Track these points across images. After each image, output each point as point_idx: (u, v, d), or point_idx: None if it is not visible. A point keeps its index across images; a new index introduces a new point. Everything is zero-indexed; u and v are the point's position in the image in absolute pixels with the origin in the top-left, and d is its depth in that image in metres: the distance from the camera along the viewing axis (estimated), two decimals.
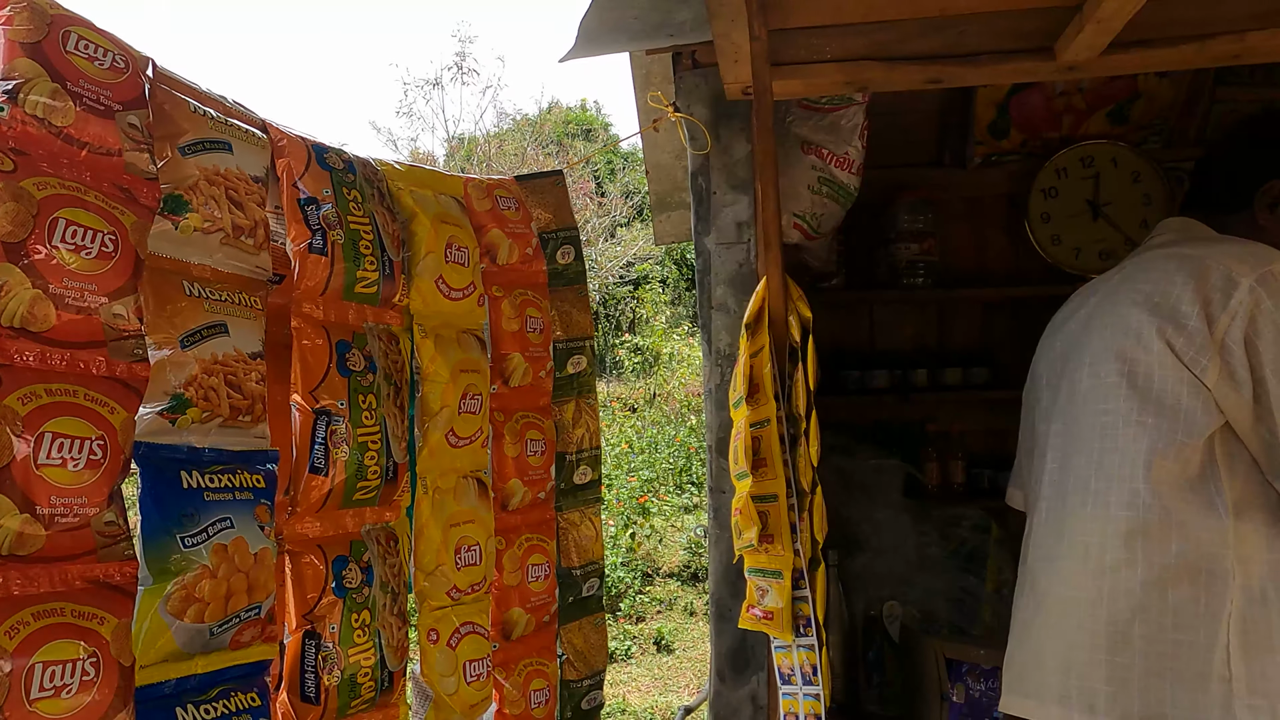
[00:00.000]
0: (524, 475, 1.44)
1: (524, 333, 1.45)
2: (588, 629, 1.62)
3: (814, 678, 1.77)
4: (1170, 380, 1.41)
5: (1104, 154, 2.94)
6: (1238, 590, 1.33)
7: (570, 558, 1.59)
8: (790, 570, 1.81)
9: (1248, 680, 1.29)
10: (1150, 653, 1.35)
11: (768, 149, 1.63)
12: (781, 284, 1.87)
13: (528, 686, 1.42)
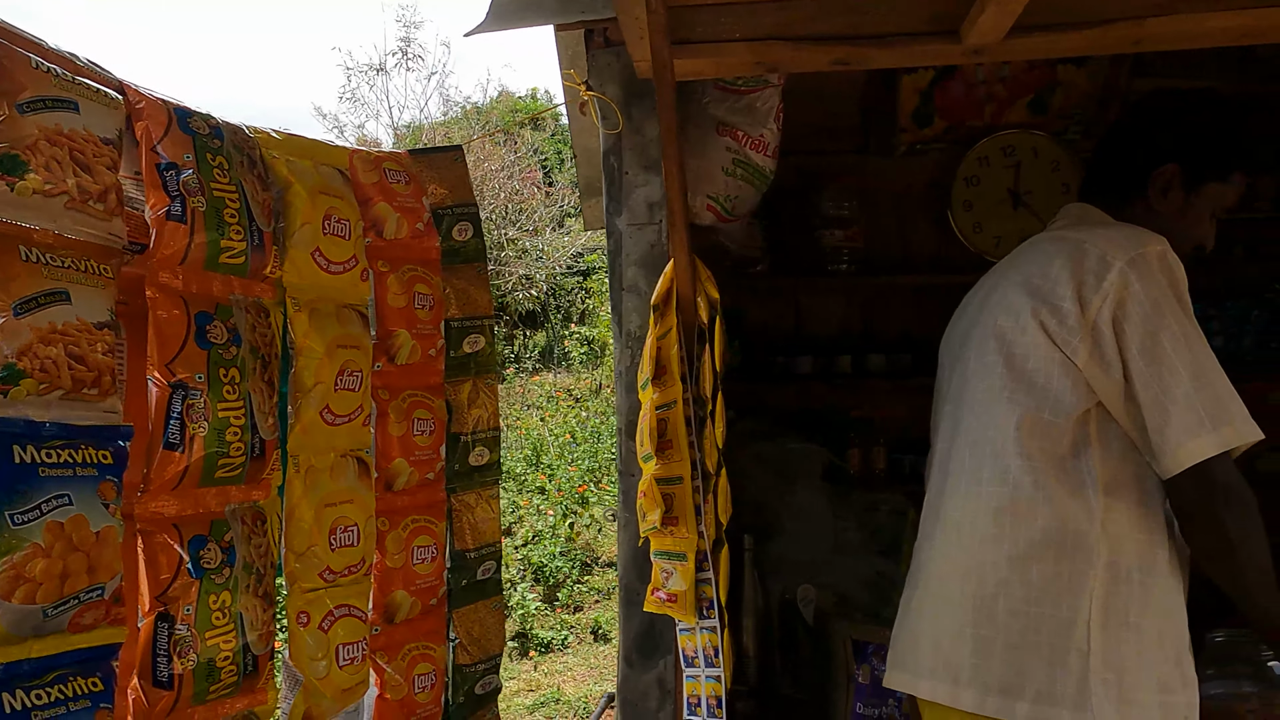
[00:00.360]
0: (410, 455, 1.41)
1: (411, 309, 1.41)
2: (483, 613, 1.59)
3: (716, 660, 1.77)
4: (1043, 360, 1.43)
5: (1025, 143, 2.98)
6: (1102, 567, 1.35)
7: (464, 540, 1.56)
8: (694, 552, 1.80)
9: (1104, 654, 1.32)
10: (1013, 626, 1.37)
11: (670, 126, 1.61)
12: (689, 265, 1.86)
13: (412, 670, 1.39)
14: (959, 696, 1.40)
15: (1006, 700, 1.36)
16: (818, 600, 2.40)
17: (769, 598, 2.40)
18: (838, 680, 2.10)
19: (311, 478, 1.22)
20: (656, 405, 1.87)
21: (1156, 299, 1.37)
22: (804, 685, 2.33)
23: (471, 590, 1.57)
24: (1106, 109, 2.93)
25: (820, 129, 3.13)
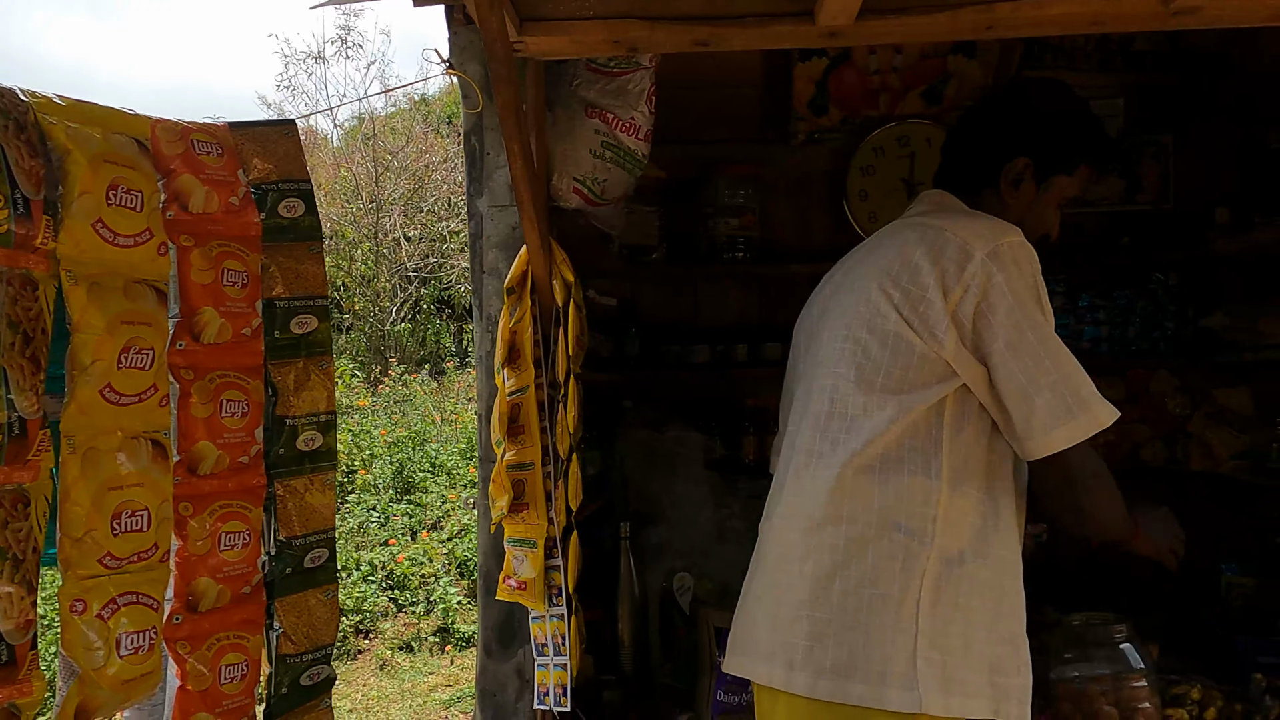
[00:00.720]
0: (217, 438, 1.36)
1: (219, 286, 1.36)
2: (313, 602, 1.55)
3: (563, 648, 1.74)
4: (897, 347, 1.42)
5: (919, 133, 2.99)
6: (935, 550, 1.35)
7: (290, 527, 1.51)
8: (544, 539, 1.77)
9: (931, 635, 1.32)
10: (848, 607, 1.36)
11: (509, 104, 1.57)
12: (544, 247, 1.83)
13: (218, 661, 1.34)
14: (792, 680, 1.39)
15: (838, 682, 1.36)
16: (695, 589, 2.38)
17: (647, 586, 2.38)
18: (705, 668, 2.09)
19: (91, 459, 1.17)
20: (509, 390, 1.84)
21: (1019, 291, 1.39)
22: (681, 674, 2.31)
23: (298, 579, 1.52)
24: None
25: (719, 117, 3.11)
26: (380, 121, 12.72)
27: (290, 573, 1.51)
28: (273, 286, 1.51)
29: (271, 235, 1.50)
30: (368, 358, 10.66)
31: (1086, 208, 3.01)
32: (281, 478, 1.51)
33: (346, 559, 5.90)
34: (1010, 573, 1.43)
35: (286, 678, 1.50)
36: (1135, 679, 1.91)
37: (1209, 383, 2.86)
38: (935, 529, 1.37)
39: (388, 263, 11.01)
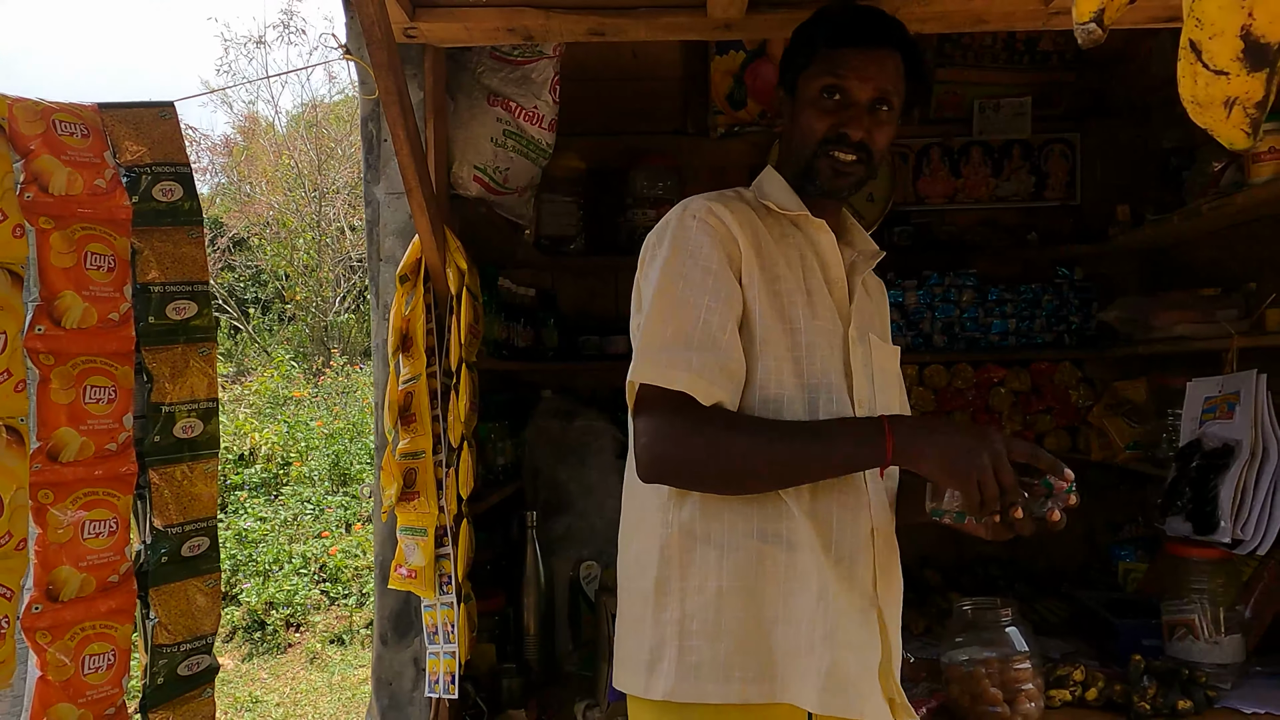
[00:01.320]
0: (80, 424, 1.33)
1: (82, 270, 1.34)
2: (192, 591, 1.53)
3: (452, 635, 1.74)
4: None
5: None
6: (674, 538, 1.32)
7: (167, 515, 1.49)
8: (434, 527, 1.77)
9: (675, 621, 1.31)
10: (623, 601, 1.42)
11: (391, 89, 1.57)
12: (437, 235, 1.82)
13: (81, 651, 1.32)
14: (614, 676, 1.42)
15: (619, 672, 1.39)
16: (603, 577, 2.40)
17: (555, 575, 2.39)
18: (604, 654, 2.10)
19: None
20: (403, 379, 1.83)
21: (654, 259, 1.39)
22: (587, 662, 2.33)
23: (175, 567, 1.50)
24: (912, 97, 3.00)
25: (639, 110, 3.13)
26: (325, 108, 12.55)
27: (167, 561, 1.49)
28: (147, 271, 1.48)
29: (146, 219, 1.48)
30: (310, 348, 10.52)
31: (998, 204, 3.08)
32: (158, 465, 1.49)
33: (279, 552, 5.83)
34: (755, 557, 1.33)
35: (163, 668, 1.48)
36: (1020, 661, 1.96)
37: (1109, 374, 2.94)
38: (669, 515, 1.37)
39: (331, 252, 10.87)
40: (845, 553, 1.33)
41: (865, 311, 1.49)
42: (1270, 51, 0.59)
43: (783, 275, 1.38)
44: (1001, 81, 2.96)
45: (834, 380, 1.37)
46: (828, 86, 1.40)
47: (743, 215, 1.40)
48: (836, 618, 1.29)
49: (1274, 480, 1.97)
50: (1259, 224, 2.33)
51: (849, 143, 1.39)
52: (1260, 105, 0.62)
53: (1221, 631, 2.03)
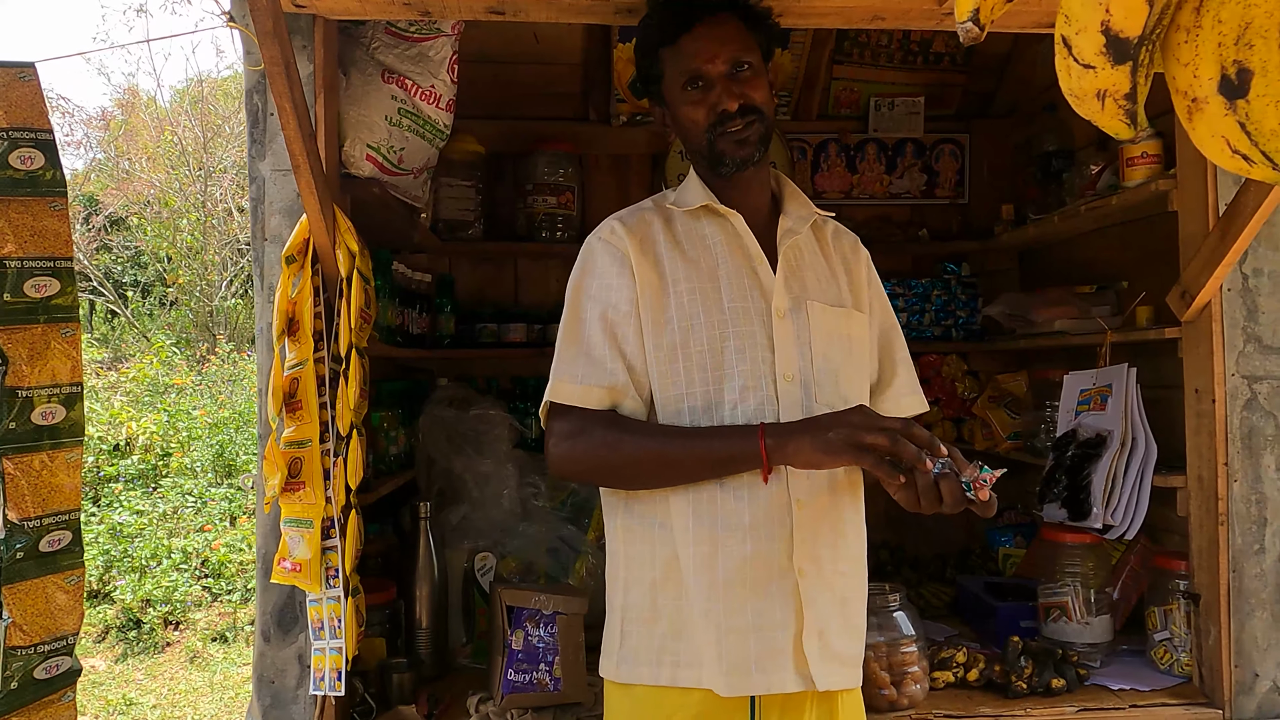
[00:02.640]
0: None
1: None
2: (51, 588, 1.43)
3: (339, 630, 1.68)
4: None
5: None
6: (619, 529, 1.49)
7: (23, 507, 1.39)
8: (320, 519, 1.70)
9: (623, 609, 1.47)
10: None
11: (276, 59, 1.49)
12: (326, 215, 1.75)
13: None
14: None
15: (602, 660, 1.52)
16: (498, 567, 2.36)
17: (449, 566, 2.33)
18: (498, 646, 2.07)
19: None
20: (288, 364, 1.75)
21: (571, 279, 1.52)
22: (480, 654, 2.29)
23: (32, 563, 1.40)
24: (811, 91, 3.06)
25: (541, 95, 3.08)
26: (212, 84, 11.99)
27: (22, 557, 1.39)
28: (2, 244, 1.38)
29: (2, 188, 1.37)
30: (194, 334, 10.07)
31: (892, 200, 3.16)
32: (12, 454, 1.39)
33: (157, 547, 5.56)
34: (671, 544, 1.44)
35: (17, 671, 1.38)
36: (906, 644, 2.01)
37: (992, 367, 3.06)
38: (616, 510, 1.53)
39: (218, 234, 10.40)
40: (749, 532, 1.38)
41: (803, 280, 1.50)
42: (1130, 45, 0.61)
43: (684, 276, 1.46)
44: (896, 81, 3.03)
45: (749, 364, 1.43)
46: (686, 81, 1.47)
47: (644, 228, 1.51)
48: (739, 600, 1.38)
49: (1141, 468, 2.07)
50: (1131, 225, 2.45)
51: (731, 114, 1.45)
52: (1129, 97, 0.64)
53: (1092, 612, 2.13)
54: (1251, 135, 0.57)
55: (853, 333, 1.53)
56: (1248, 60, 0.57)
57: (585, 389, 1.43)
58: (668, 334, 1.44)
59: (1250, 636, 1.96)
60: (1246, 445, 1.96)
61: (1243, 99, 0.57)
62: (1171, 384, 2.11)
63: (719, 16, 1.47)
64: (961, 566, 2.87)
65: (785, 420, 1.40)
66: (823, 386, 1.45)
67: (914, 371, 1.66)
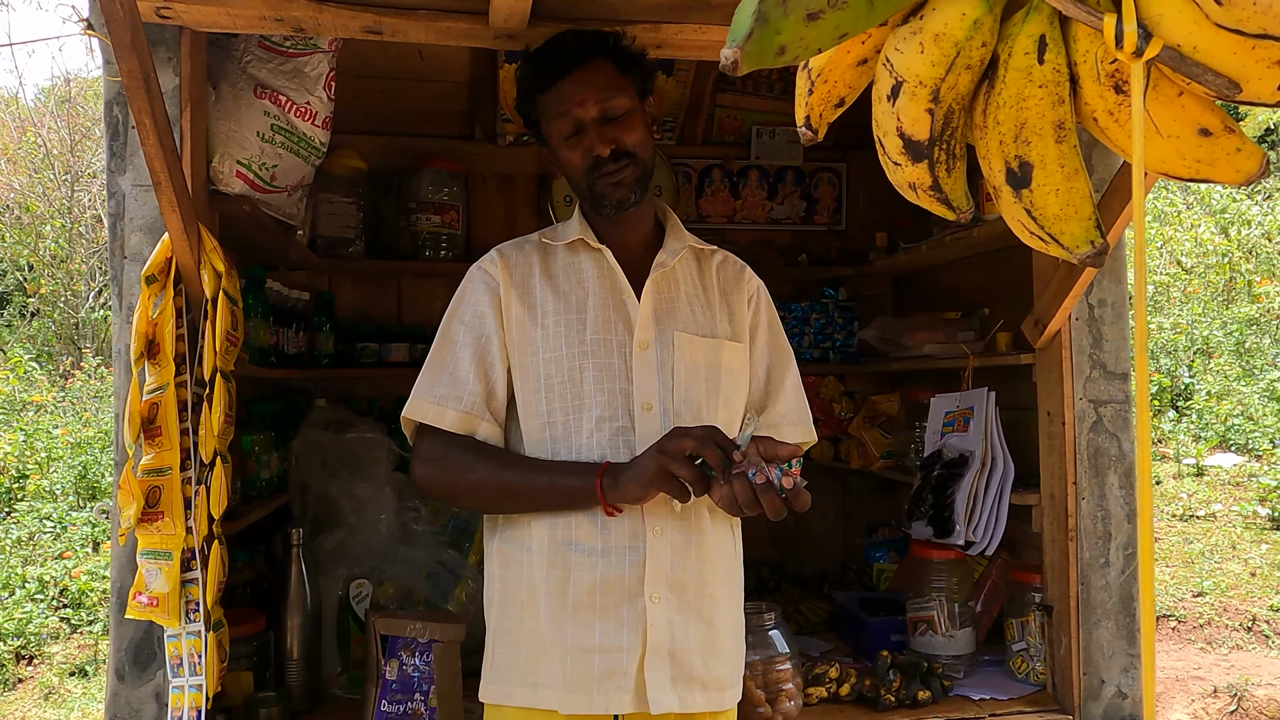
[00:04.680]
0: None
1: None
2: None
3: (199, 667, 1.61)
4: None
5: None
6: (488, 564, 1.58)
7: None
8: (180, 550, 1.63)
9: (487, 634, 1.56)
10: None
11: (134, 72, 1.43)
12: (190, 233, 1.68)
13: None
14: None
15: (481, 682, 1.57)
16: (375, 594, 2.31)
17: (323, 594, 2.27)
18: (372, 676, 2.02)
19: None
20: (148, 388, 1.68)
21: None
22: (355, 684, 2.23)
23: None
24: (695, 118, 3.12)
25: (427, 112, 3.05)
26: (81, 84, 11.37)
27: None
28: None
29: None
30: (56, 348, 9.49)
31: (773, 225, 3.25)
32: None
33: (9, 575, 5.20)
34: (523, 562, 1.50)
35: None
36: (781, 662, 2.06)
37: (867, 388, 3.17)
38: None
39: (85, 242, 9.85)
40: (600, 558, 1.43)
41: (674, 311, 1.54)
42: (923, 146, 0.68)
43: (553, 309, 1.52)
44: (777, 110, 3.12)
45: (606, 394, 1.48)
46: (562, 125, 1.52)
47: (522, 260, 1.57)
48: (587, 623, 1.42)
49: (1000, 487, 2.19)
50: (991, 255, 2.59)
51: (605, 160, 1.49)
52: (933, 188, 0.70)
53: (956, 626, 2.23)
54: (1038, 220, 0.64)
55: (722, 363, 1.55)
56: (1026, 155, 0.63)
57: (440, 409, 1.49)
58: (532, 365, 1.50)
59: (1097, 645, 2.08)
60: (1093, 465, 2.09)
61: (1026, 189, 0.64)
62: (1027, 406, 2.23)
63: (592, 62, 1.52)
64: (839, 583, 2.96)
65: (642, 447, 1.43)
66: (682, 416, 1.48)
67: (804, 401, 1.69)
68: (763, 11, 0.64)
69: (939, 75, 0.65)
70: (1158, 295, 8.75)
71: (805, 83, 0.79)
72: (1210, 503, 6.09)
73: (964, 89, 0.66)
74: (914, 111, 0.68)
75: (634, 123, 1.53)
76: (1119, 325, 2.11)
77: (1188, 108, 0.62)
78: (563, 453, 1.47)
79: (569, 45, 1.53)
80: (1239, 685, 4.09)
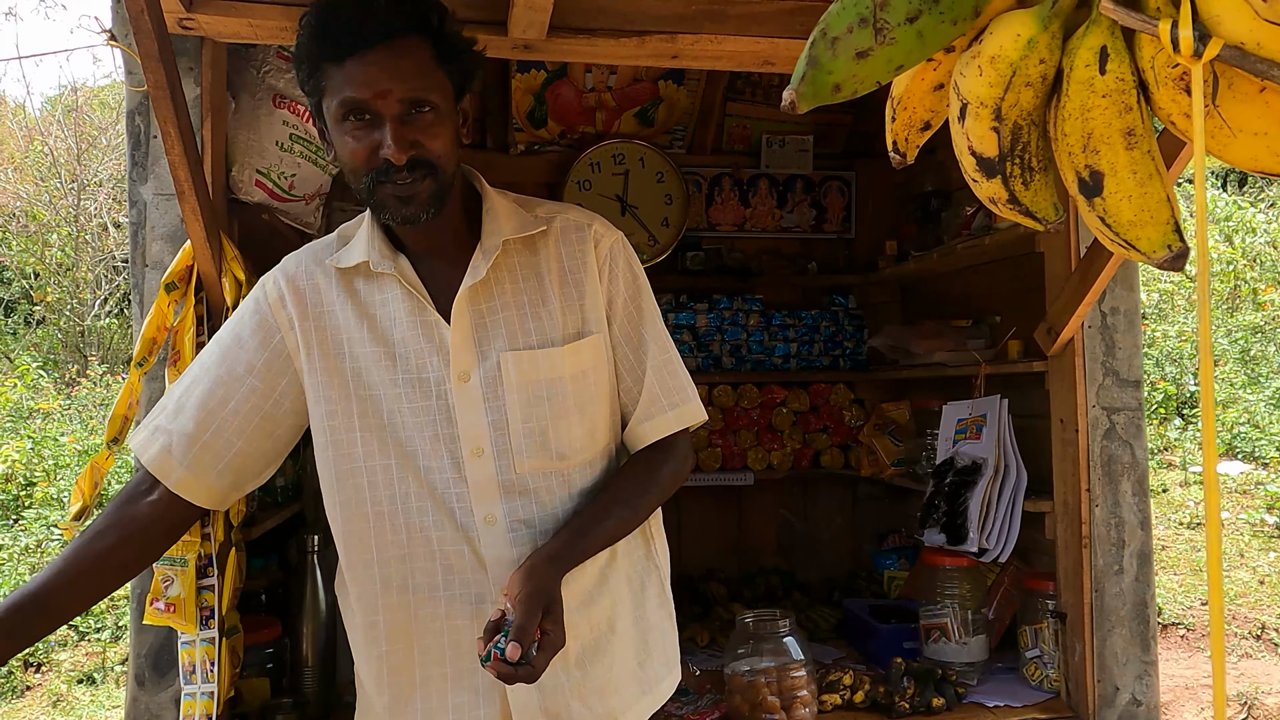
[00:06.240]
0: None
1: None
2: None
3: (211, 674, 1.62)
4: None
5: (633, 152, 3.10)
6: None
7: None
8: (196, 556, 1.64)
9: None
10: None
11: (161, 83, 1.45)
12: (212, 242, 1.70)
13: None
14: None
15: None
16: None
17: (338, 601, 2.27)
18: None
19: None
20: None
21: None
22: None
23: None
24: (706, 127, 3.14)
25: None
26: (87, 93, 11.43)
27: None
28: None
29: None
30: (63, 355, 9.51)
31: (783, 233, 3.27)
32: None
33: (17, 583, 5.21)
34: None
35: None
36: (796, 669, 2.07)
37: (877, 396, 3.18)
38: None
39: (91, 250, 9.89)
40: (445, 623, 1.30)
41: (494, 328, 1.32)
42: (994, 163, 0.70)
43: (358, 339, 1.31)
44: (787, 119, 3.14)
45: (429, 443, 1.29)
46: (349, 109, 1.22)
47: (310, 280, 1.35)
48: (425, 700, 1.31)
49: (1013, 494, 2.19)
50: (1003, 263, 2.60)
51: (397, 168, 1.21)
52: (1011, 202, 0.72)
53: (969, 633, 2.23)
54: (1112, 227, 0.65)
55: (568, 371, 1.32)
56: (1096, 163, 0.64)
57: (149, 440, 1.32)
58: (345, 404, 1.30)
59: (1111, 652, 2.08)
60: (1106, 472, 2.10)
61: (1099, 197, 0.65)
62: (1039, 414, 2.24)
63: (403, 41, 1.20)
64: (848, 590, 2.96)
65: (478, 503, 1.27)
66: (524, 452, 1.29)
67: (680, 376, 1.42)
68: (813, 56, 0.68)
69: (998, 95, 0.67)
70: (1162, 303, 8.76)
71: (889, 110, 0.83)
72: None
73: (1028, 105, 0.68)
74: (980, 130, 0.70)
75: (444, 127, 1.25)
76: (1131, 333, 2.12)
77: (1272, 104, 0.63)
78: (387, 507, 1.29)
79: (376, 10, 1.19)
80: (1249, 694, 4.09)
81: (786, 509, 3.26)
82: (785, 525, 3.26)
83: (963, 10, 0.68)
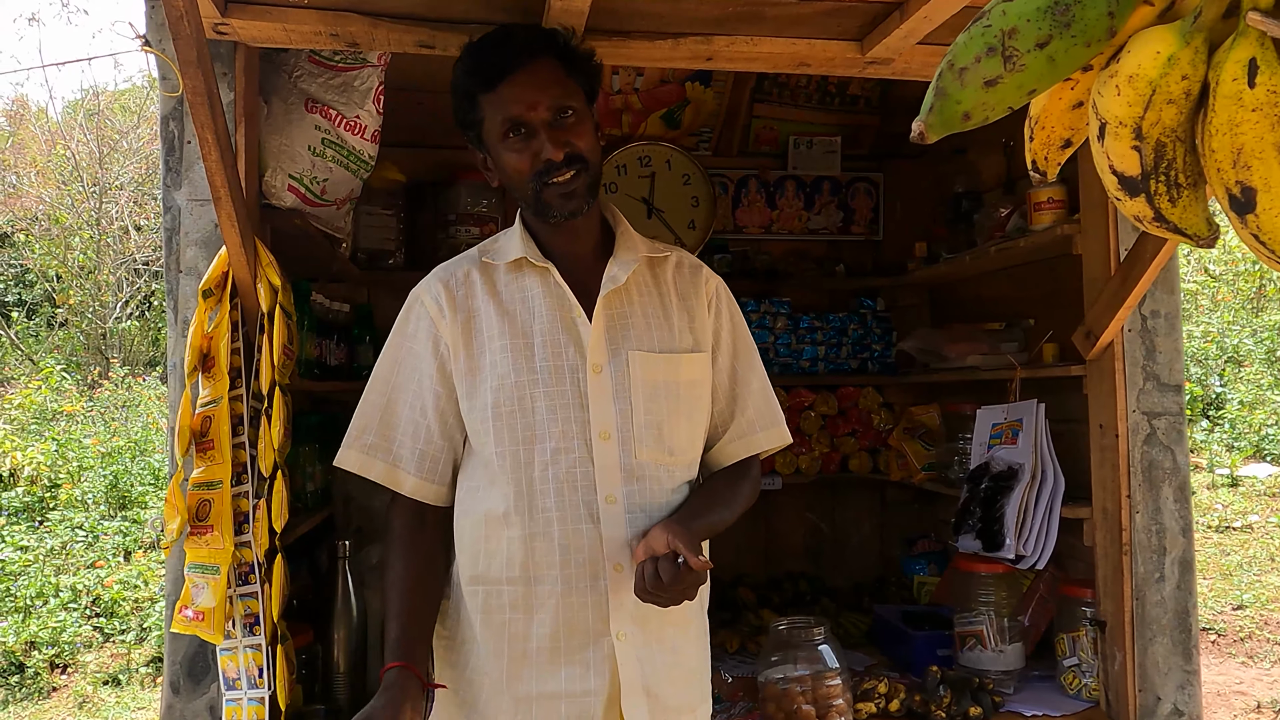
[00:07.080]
0: None
1: None
2: None
3: (259, 680, 1.61)
4: None
5: (660, 155, 3.08)
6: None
7: None
8: (229, 565, 1.63)
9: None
10: None
11: (199, 89, 1.44)
12: (247, 247, 1.69)
13: None
14: None
15: None
16: None
17: (369, 607, 2.27)
18: None
19: None
20: (202, 401, 1.69)
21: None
22: None
23: None
24: (732, 128, 3.11)
25: None
26: (109, 97, 11.51)
27: None
28: None
29: None
30: (84, 358, 9.59)
31: (809, 235, 3.24)
32: None
33: (43, 584, 5.24)
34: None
35: None
36: (831, 677, 2.04)
37: (906, 400, 3.15)
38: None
39: (112, 253, 9.96)
40: (560, 599, 1.41)
41: (627, 328, 1.47)
42: (1136, 182, 0.69)
43: (499, 333, 1.45)
44: (814, 121, 3.11)
45: (560, 425, 1.42)
46: (508, 128, 1.43)
47: (459, 285, 1.50)
48: (538, 670, 1.42)
49: (1050, 500, 2.16)
50: (1037, 265, 2.56)
51: (557, 164, 1.40)
52: (1156, 219, 0.71)
53: (1005, 640, 2.20)
54: (1267, 244, 0.63)
55: (683, 377, 1.49)
56: (1248, 179, 0.63)
57: (368, 460, 1.48)
58: (480, 393, 1.44)
59: (1153, 661, 2.05)
60: (1147, 478, 2.07)
61: (1251, 213, 0.63)
62: (1076, 418, 2.20)
63: (539, 61, 1.43)
64: (877, 595, 2.93)
65: (601, 483, 1.41)
66: (644, 442, 1.43)
67: (773, 403, 1.62)
68: (941, 87, 0.69)
69: (1137, 114, 0.66)
70: (1185, 303, 8.67)
71: (1027, 129, 0.83)
72: (1246, 514, 6.01)
73: (1172, 122, 0.66)
74: (1120, 150, 0.69)
75: (585, 127, 1.46)
76: (1172, 336, 2.09)
77: None
78: (512, 485, 1.42)
79: (515, 42, 1.44)
80: None
81: (814, 513, 3.23)
82: (813, 530, 3.23)
83: (1096, 32, 0.67)
